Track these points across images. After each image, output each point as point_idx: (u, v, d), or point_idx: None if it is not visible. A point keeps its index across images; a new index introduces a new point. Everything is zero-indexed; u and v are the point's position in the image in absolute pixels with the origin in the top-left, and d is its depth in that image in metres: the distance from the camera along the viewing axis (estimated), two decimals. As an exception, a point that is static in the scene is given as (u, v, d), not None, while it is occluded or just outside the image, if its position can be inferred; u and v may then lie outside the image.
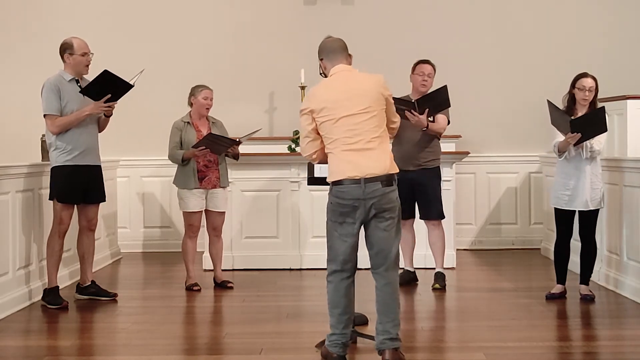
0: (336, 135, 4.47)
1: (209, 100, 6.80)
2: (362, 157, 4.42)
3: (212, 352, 5.06)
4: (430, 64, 6.79)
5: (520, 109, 8.96)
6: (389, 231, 4.49)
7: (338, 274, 4.55)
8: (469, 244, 9.04)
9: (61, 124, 6.05)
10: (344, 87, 4.50)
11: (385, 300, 4.52)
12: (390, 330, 4.49)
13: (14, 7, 9.16)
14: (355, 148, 4.43)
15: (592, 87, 6.11)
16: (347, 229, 4.48)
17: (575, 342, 5.19)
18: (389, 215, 4.47)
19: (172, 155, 6.77)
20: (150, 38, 9.15)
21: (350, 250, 4.51)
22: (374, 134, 4.45)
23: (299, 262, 7.67)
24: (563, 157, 6.12)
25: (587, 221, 6.17)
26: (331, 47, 4.66)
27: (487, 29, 9.15)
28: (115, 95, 6.08)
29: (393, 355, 4.46)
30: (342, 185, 4.44)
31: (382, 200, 4.42)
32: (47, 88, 6.08)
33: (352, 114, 4.44)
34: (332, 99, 4.47)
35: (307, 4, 9.21)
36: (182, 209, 6.80)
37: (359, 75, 4.58)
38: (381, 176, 4.42)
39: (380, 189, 4.41)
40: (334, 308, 4.56)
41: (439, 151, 6.87)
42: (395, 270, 4.56)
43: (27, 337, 5.50)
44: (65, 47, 6.17)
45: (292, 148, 7.96)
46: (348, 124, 4.44)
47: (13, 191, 6.05)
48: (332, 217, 4.53)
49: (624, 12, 9.14)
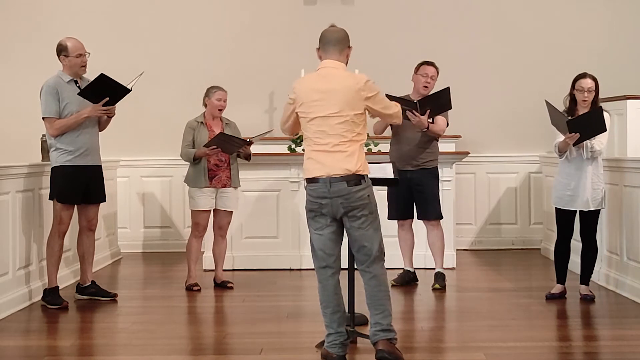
0: (309, 134, 4.59)
1: (223, 102, 6.83)
2: (330, 158, 4.52)
3: (212, 352, 5.06)
4: (434, 66, 6.79)
5: (520, 109, 8.96)
6: (365, 228, 4.55)
7: (322, 271, 4.61)
8: (469, 244, 9.04)
9: (60, 127, 6.04)
10: (322, 86, 4.55)
11: (372, 293, 4.57)
12: (381, 321, 4.52)
13: (13, 7, 9.16)
14: (325, 149, 4.53)
15: (591, 87, 6.10)
16: (319, 222, 4.59)
17: (575, 342, 5.19)
18: (360, 212, 4.53)
19: (184, 153, 6.78)
20: (150, 38, 9.15)
21: (328, 243, 4.59)
22: (344, 138, 4.52)
23: (299, 262, 7.67)
24: (564, 157, 6.12)
25: (588, 221, 6.17)
26: (327, 39, 4.68)
27: (487, 29, 9.15)
28: (114, 99, 6.08)
29: (386, 346, 4.47)
30: (312, 184, 4.57)
31: (349, 198, 4.50)
32: (45, 91, 6.07)
33: (324, 115, 4.52)
34: (310, 97, 4.56)
35: (307, 4, 9.21)
36: (192, 207, 6.80)
37: (341, 76, 4.59)
38: (348, 176, 4.49)
39: (346, 188, 4.49)
40: (325, 308, 4.62)
41: (437, 152, 6.87)
42: (379, 264, 4.60)
43: (27, 337, 5.50)
44: (60, 49, 6.16)
45: (292, 148, 7.96)
46: (320, 125, 4.54)
47: (13, 191, 6.05)
48: (307, 214, 4.66)
49: (624, 12, 9.14)
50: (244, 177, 7.58)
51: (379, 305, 4.55)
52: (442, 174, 7.52)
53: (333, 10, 9.05)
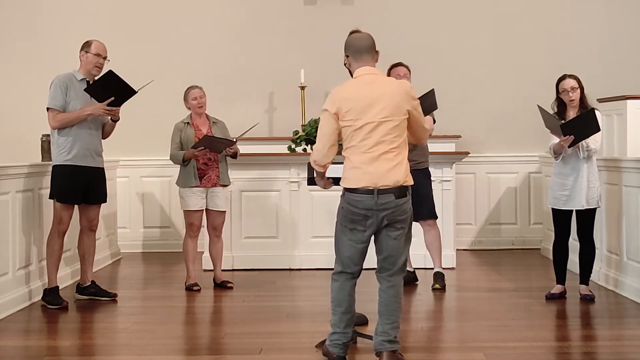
0: (355, 142, 4.42)
1: (199, 99, 6.84)
2: (377, 168, 4.38)
3: (212, 352, 5.06)
4: (403, 65, 6.71)
5: (520, 109, 8.95)
6: (399, 240, 4.50)
7: (344, 275, 4.57)
8: (468, 244, 9.04)
9: (61, 119, 6.07)
10: (367, 93, 4.41)
11: (387, 303, 4.53)
12: (389, 331, 4.50)
13: (14, 7, 9.16)
14: (372, 157, 4.38)
15: (574, 86, 6.12)
16: (357, 236, 4.49)
17: (575, 342, 5.19)
18: (401, 225, 4.48)
19: (173, 155, 6.81)
20: (150, 38, 9.15)
21: (359, 255, 4.53)
22: (392, 145, 4.40)
23: (299, 262, 7.67)
24: (560, 159, 6.13)
25: (585, 220, 6.17)
26: (358, 47, 4.54)
27: (488, 29, 9.15)
28: (119, 100, 6.09)
29: (390, 358, 4.47)
30: (355, 194, 4.41)
31: (395, 211, 4.42)
32: (55, 83, 6.12)
33: (373, 122, 4.37)
34: (357, 104, 4.39)
35: (307, 4, 9.21)
36: (183, 207, 6.82)
37: (384, 81, 4.50)
38: (394, 188, 4.40)
39: (394, 201, 4.40)
40: (337, 306, 4.57)
41: (427, 152, 6.83)
42: (400, 275, 4.56)
43: (27, 337, 5.50)
44: (84, 45, 6.25)
45: (292, 148, 7.95)
46: (368, 132, 4.38)
47: (13, 191, 6.05)
48: (343, 222, 4.51)
49: (624, 12, 9.13)
50: (244, 177, 7.60)
51: (390, 316, 4.51)
52: (442, 174, 7.53)
53: (333, 10, 9.06)
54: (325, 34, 8.84)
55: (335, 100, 4.43)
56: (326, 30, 8.82)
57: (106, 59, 6.23)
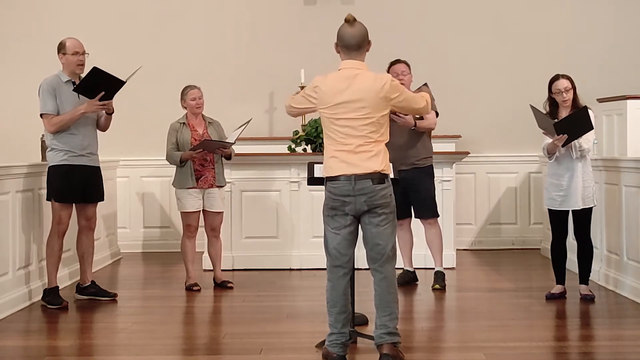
0: (333, 134, 4.54)
1: (198, 100, 6.83)
2: (355, 158, 4.49)
3: (212, 352, 5.06)
4: (402, 61, 6.73)
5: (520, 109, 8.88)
6: (383, 226, 4.53)
7: (335, 270, 4.59)
8: (468, 244, 9.04)
9: (57, 122, 6.05)
10: (347, 88, 4.49)
11: (382, 295, 4.55)
12: (388, 323, 4.51)
13: (11, 6, 9.16)
14: (350, 149, 4.49)
15: (568, 87, 6.11)
16: (338, 221, 4.56)
17: (575, 342, 5.20)
18: (382, 210, 4.52)
19: (169, 156, 6.80)
20: (150, 38, 9.15)
21: (344, 243, 4.56)
22: (369, 139, 4.50)
23: (299, 262, 7.67)
24: (553, 159, 6.13)
25: (582, 220, 6.17)
26: (347, 43, 4.56)
27: (488, 29, 9.15)
28: (109, 93, 6.07)
29: (391, 350, 4.47)
30: (335, 182, 4.53)
31: (373, 196, 4.48)
32: (43, 88, 6.10)
33: (351, 117, 4.48)
34: (336, 99, 4.49)
35: (307, 4, 9.21)
36: (180, 209, 6.82)
37: (366, 78, 4.53)
38: (372, 174, 4.48)
39: (371, 186, 4.48)
40: (332, 307, 4.59)
41: (431, 150, 6.85)
42: (390, 265, 4.58)
43: (27, 337, 5.50)
44: (59, 47, 6.20)
45: (292, 148, 7.96)
46: (346, 126, 4.49)
47: (13, 191, 6.05)
48: (325, 211, 4.63)
49: (624, 12, 9.13)
50: (244, 177, 7.60)
51: (386, 307, 4.53)
52: (442, 174, 7.53)
53: (333, 10, 9.02)
54: (325, 34, 8.76)
55: (318, 90, 4.58)
56: (326, 30, 8.75)
57: (85, 54, 6.20)
